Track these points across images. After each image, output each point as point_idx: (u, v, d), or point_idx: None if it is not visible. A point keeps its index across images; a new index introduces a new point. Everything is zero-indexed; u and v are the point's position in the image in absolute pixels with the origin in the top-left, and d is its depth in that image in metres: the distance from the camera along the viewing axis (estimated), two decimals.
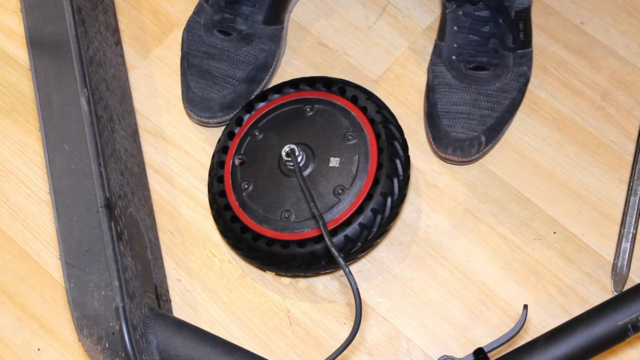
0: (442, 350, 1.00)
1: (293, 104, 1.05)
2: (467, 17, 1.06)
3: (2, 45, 1.20)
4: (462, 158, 1.05)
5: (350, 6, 1.19)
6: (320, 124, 1.02)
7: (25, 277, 1.07)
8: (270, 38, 1.11)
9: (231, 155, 1.03)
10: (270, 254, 0.98)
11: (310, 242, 0.97)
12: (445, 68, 1.07)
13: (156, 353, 0.87)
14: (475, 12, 1.06)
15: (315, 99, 1.04)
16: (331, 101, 1.04)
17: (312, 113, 1.03)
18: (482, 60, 1.06)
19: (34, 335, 1.04)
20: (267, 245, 0.98)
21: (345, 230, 0.96)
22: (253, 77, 1.10)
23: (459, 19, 1.07)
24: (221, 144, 1.05)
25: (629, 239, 1.04)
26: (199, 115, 1.09)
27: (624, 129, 1.10)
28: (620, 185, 1.07)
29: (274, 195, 1.00)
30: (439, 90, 1.07)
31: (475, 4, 1.05)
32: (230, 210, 1.01)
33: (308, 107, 1.04)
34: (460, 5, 1.06)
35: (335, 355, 0.85)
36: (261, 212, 0.99)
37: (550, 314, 1.01)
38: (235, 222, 1.00)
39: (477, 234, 1.06)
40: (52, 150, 0.93)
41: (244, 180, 1.01)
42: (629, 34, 1.15)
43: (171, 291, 1.05)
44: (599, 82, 1.13)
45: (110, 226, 0.86)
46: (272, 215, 0.99)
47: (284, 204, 0.99)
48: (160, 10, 1.20)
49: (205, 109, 1.08)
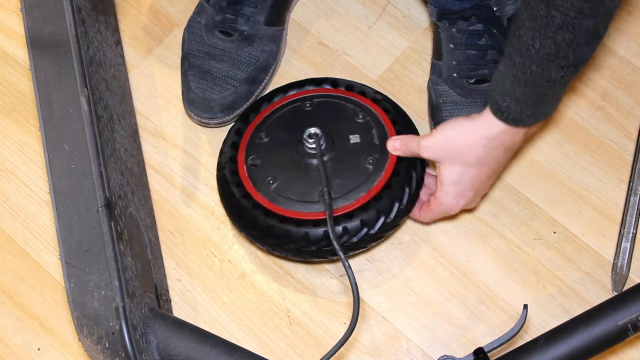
0: (442, 350, 1.00)
1: (290, 104, 1.05)
2: (461, 33, 1.05)
3: (2, 45, 1.20)
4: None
5: (350, 6, 1.19)
6: (324, 113, 1.03)
7: (25, 277, 1.06)
8: (271, 39, 1.11)
9: (242, 162, 1.01)
10: (318, 237, 0.96)
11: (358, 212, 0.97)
12: (449, 87, 1.06)
13: (156, 353, 0.87)
14: (469, 27, 1.05)
15: (310, 96, 1.05)
16: (327, 94, 1.05)
17: (312, 108, 1.04)
18: (483, 73, 1.05)
19: (34, 335, 1.04)
20: (315, 226, 0.96)
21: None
22: (254, 78, 1.10)
23: (453, 37, 1.06)
24: (227, 155, 1.03)
25: (629, 239, 1.04)
26: (199, 115, 1.08)
27: (624, 129, 1.10)
28: (620, 185, 1.07)
29: (307, 180, 0.99)
30: (445, 109, 1.06)
31: (468, 19, 1.05)
32: (261, 207, 0.98)
33: (307, 103, 1.04)
34: (452, 22, 1.05)
35: (334, 351, 0.85)
36: (297, 199, 0.98)
37: (550, 314, 1.01)
38: (270, 217, 0.98)
39: (477, 234, 1.06)
40: (52, 150, 0.93)
41: (267, 177, 0.99)
42: (629, 34, 1.15)
43: (171, 291, 1.05)
44: (599, 82, 1.13)
45: (110, 226, 0.86)
46: (310, 198, 0.98)
47: (318, 185, 0.98)
48: (161, 10, 1.20)
49: (205, 110, 1.08)
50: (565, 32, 0.76)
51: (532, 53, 0.78)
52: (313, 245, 0.96)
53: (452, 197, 0.95)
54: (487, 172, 0.93)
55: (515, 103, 0.84)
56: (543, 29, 0.76)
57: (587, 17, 0.75)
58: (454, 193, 0.94)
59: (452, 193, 0.94)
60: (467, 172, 0.92)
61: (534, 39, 0.77)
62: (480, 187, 0.95)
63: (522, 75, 0.81)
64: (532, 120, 0.86)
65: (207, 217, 1.08)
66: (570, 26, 0.75)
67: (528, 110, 0.84)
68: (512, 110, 0.85)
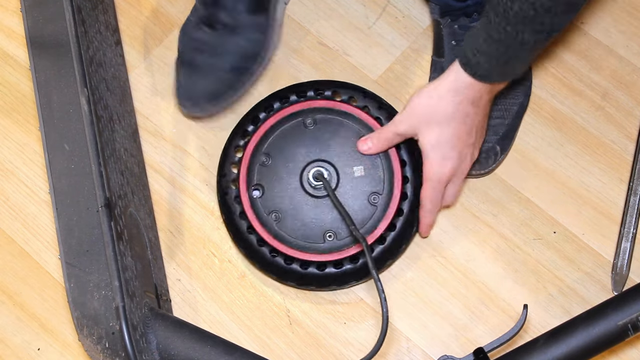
0: (442, 350, 1.00)
1: (290, 119, 1.02)
2: (463, 29, 1.06)
3: (2, 45, 1.20)
4: (480, 171, 1.05)
5: (350, 6, 1.19)
6: (327, 135, 1.01)
7: (25, 277, 1.06)
8: (257, 28, 1.10)
9: (245, 187, 1.01)
10: (323, 277, 0.98)
11: (357, 257, 0.99)
12: None
13: (156, 353, 0.87)
14: (471, 23, 1.05)
15: (311, 110, 1.03)
16: (328, 108, 1.03)
17: (313, 126, 1.02)
18: None
19: (34, 335, 1.04)
20: (318, 269, 0.98)
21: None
22: (240, 67, 1.08)
23: (455, 33, 1.06)
24: (229, 177, 1.02)
25: (629, 239, 1.04)
26: (187, 108, 1.08)
27: (624, 129, 1.10)
28: (620, 185, 1.07)
29: (310, 220, 0.99)
30: None
31: (470, 15, 1.05)
32: (266, 245, 0.99)
33: (308, 120, 1.02)
34: (455, 19, 1.06)
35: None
36: (301, 240, 0.99)
37: (550, 314, 1.01)
38: (276, 256, 0.99)
39: (477, 234, 1.06)
40: (52, 150, 0.93)
41: (270, 212, 0.99)
42: (629, 34, 1.15)
43: (171, 291, 1.05)
44: (599, 82, 1.13)
45: (110, 226, 0.86)
46: (314, 240, 0.98)
47: (324, 226, 0.99)
48: (160, 10, 1.20)
49: (192, 101, 1.07)
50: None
51: (510, 15, 0.79)
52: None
53: (437, 162, 0.94)
54: (464, 128, 0.93)
55: (485, 59, 0.85)
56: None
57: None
58: (438, 157, 0.94)
59: (436, 157, 0.94)
60: (443, 131, 0.92)
61: (513, 1, 0.78)
62: (462, 146, 0.94)
63: (496, 33, 0.82)
64: (499, 79, 0.87)
65: (207, 217, 1.08)
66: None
67: (497, 68, 0.85)
68: (481, 66, 0.86)
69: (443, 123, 0.91)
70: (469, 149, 0.96)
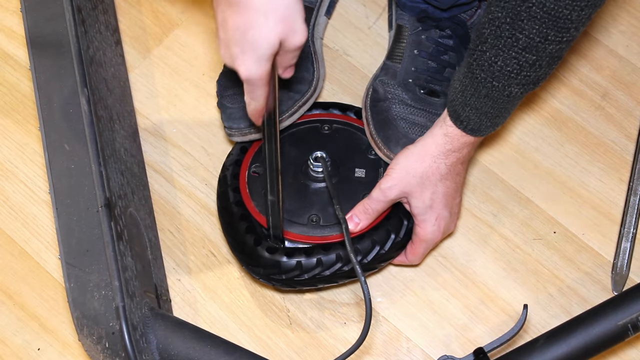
0: (442, 350, 1.00)
1: (309, 123, 1.05)
2: (430, 42, 1.04)
3: (2, 45, 1.20)
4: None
5: (350, 6, 1.19)
6: (339, 140, 1.03)
7: (25, 277, 1.07)
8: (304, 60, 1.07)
9: (246, 167, 1.02)
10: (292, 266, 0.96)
11: (336, 246, 0.96)
12: (401, 89, 1.03)
13: (156, 353, 0.87)
14: (439, 38, 1.04)
15: (331, 120, 1.05)
16: (348, 122, 1.05)
17: (329, 131, 1.04)
18: (435, 88, 1.03)
19: (34, 335, 1.04)
20: (287, 255, 0.96)
21: (372, 234, 0.96)
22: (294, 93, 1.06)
23: (421, 43, 1.05)
24: (234, 157, 1.03)
25: (629, 239, 1.04)
26: (238, 127, 1.03)
27: (624, 129, 1.10)
28: (620, 185, 1.07)
29: (300, 201, 0.99)
30: (393, 101, 1.03)
31: (443, 29, 1.04)
32: (250, 218, 0.99)
33: (326, 126, 1.04)
34: (426, 29, 1.05)
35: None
36: (287, 217, 0.98)
37: (550, 314, 1.01)
38: (249, 233, 0.98)
39: (477, 234, 1.06)
40: (52, 150, 0.93)
41: (264, 188, 0.99)
42: (629, 34, 1.15)
43: (171, 291, 1.05)
44: (599, 82, 1.13)
45: (110, 226, 0.86)
46: (298, 219, 0.98)
47: (311, 208, 0.98)
48: (160, 10, 1.20)
49: (242, 119, 1.03)
50: (529, 54, 0.78)
51: (495, 70, 0.80)
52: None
53: (432, 222, 0.94)
54: (454, 186, 0.93)
55: (475, 113, 0.85)
56: (507, 49, 0.78)
57: (551, 43, 0.77)
58: (433, 217, 0.94)
59: (431, 218, 0.94)
60: (437, 191, 0.92)
61: (497, 57, 0.79)
62: (452, 204, 0.95)
63: (483, 89, 0.83)
64: (489, 130, 0.88)
65: (207, 217, 1.08)
66: (534, 49, 0.77)
67: (487, 121, 0.86)
68: (471, 120, 0.86)
69: (437, 183, 0.92)
70: (457, 207, 0.97)
